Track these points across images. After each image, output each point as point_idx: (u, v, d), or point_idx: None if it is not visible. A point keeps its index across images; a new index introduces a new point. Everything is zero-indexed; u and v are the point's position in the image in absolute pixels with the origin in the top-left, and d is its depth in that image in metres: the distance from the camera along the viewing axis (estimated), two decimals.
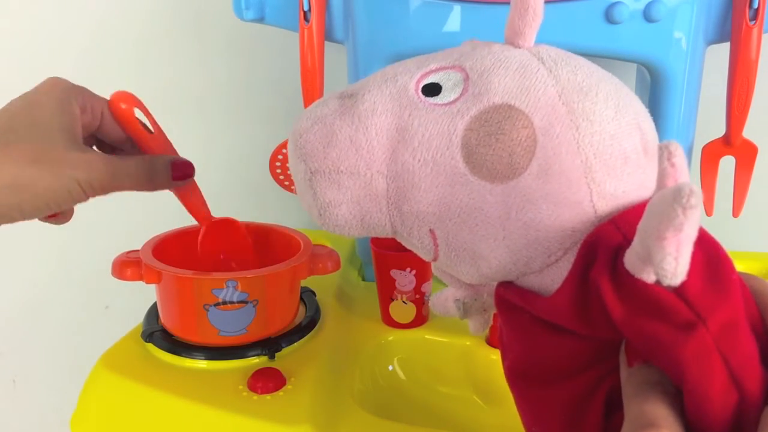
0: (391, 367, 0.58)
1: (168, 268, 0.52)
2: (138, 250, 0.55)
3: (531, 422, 0.31)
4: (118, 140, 0.46)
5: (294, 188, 0.63)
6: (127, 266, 0.53)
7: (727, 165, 0.61)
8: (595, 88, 0.28)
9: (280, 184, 0.64)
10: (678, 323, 0.23)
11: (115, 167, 0.41)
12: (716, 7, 0.57)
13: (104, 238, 0.70)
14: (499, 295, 0.32)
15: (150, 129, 0.46)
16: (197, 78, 0.86)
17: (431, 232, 0.30)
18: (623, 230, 0.26)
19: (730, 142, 0.60)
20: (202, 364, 0.52)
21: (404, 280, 0.56)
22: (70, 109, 0.40)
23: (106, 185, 0.40)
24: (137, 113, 0.45)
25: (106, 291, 0.95)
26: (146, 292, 0.56)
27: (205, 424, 0.47)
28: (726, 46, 0.58)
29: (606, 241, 0.26)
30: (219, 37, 0.84)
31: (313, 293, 0.62)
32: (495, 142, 0.28)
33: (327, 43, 0.61)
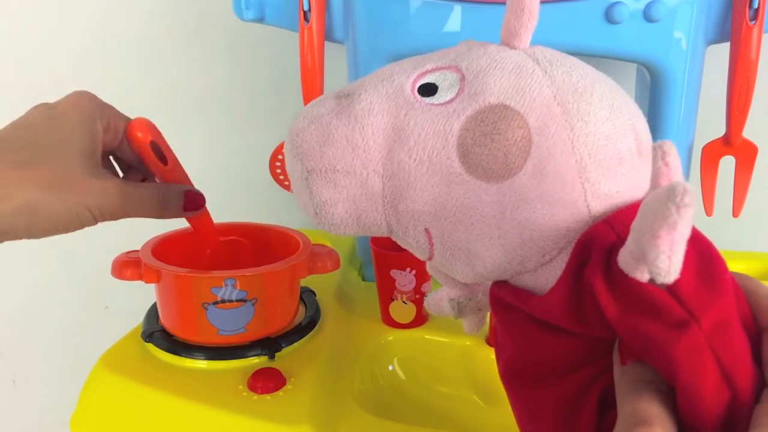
0: (391, 367, 0.58)
1: (167, 267, 0.52)
2: (138, 250, 0.55)
3: (525, 421, 0.32)
4: (135, 160, 0.46)
5: None
6: (127, 266, 0.53)
7: (727, 165, 0.61)
8: (590, 89, 0.29)
9: (280, 184, 0.65)
10: (671, 322, 0.23)
11: (128, 196, 0.41)
12: (716, 7, 0.57)
13: (104, 238, 0.70)
14: (494, 294, 0.32)
15: (165, 159, 0.46)
16: (198, 78, 0.86)
17: (427, 231, 0.30)
18: (617, 230, 0.27)
19: (730, 142, 0.60)
20: (202, 364, 0.52)
21: (404, 280, 0.56)
22: (92, 128, 0.41)
23: (116, 212, 0.41)
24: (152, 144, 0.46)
25: (106, 291, 0.95)
26: (146, 292, 0.56)
27: (205, 424, 0.47)
28: (726, 46, 0.58)
29: (600, 241, 0.26)
30: (220, 38, 0.84)
31: (313, 293, 0.62)
32: (490, 142, 0.28)
33: (327, 43, 0.61)
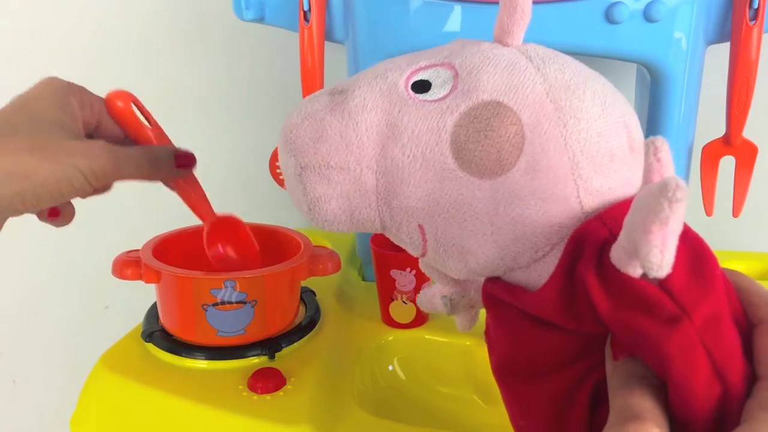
0: (391, 367, 0.58)
1: (167, 268, 0.52)
2: (138, 250, 0.55)
3: (518, 416, 0.32)
4: (116, 139, 0.45)
5: None
6: (127, 266, 0.53)
7: (727, 165, 0.61)
8: (583, 87, 0.29)
9: (280, 184, 0.64)
10: (663, 317, 0.23)
11: (118, 155, 0.40)
12: (716, 7, 0.57)
13: (104, 238, 0.70)
14: (487, 291, 0.32)
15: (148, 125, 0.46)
16: (198, 78, 0.86)
17: (420, 227, 0.30)
18: (609, 226, 0.27)
19: (730, 142, 0.60)
20: (202, 364, 0.52)
21: (404, 280, 0.56)
22: (68, 105, 0.40)
23: (109, 173, 0.40)
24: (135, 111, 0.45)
25: (106, 291, 0.95)
26: (146, 292, 0.56)
27: (205, 424, 0.47)
28: (726, 46, 0.58)
29: (592, 237, 0.27)
30: (220, 38, 0.84)
31: (313, 293, 0.62)
32: (484, 139, 0.28)
33: (327, 43, 0.61)
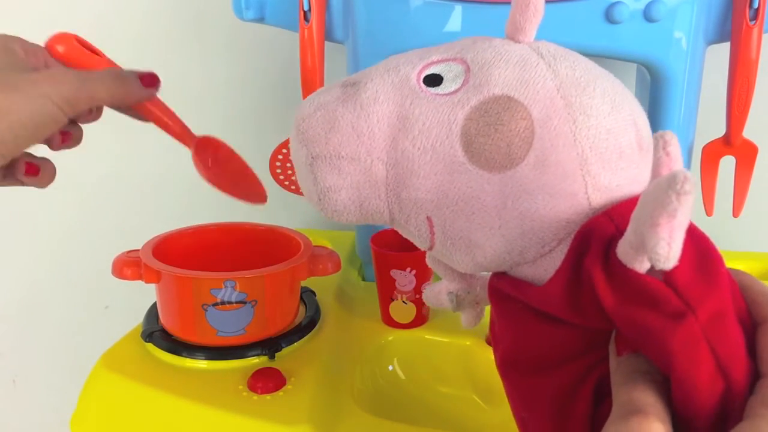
0: (391, 367, 0.58)
1: (167, 268, 0.52)
2: (138, 250, 0.55)
3: (521, 410, 0.32)
4: None
5: (294, 188, 0.64)
6: (127, 266, 0.53)
7: (727, 165, 0.61)
8: (593, 84, 0.29)
9: (280, 184, 0.64)
10: (668, 312, 0.23)
11: (84, 76, 0.39)
12: (716, 7, 0.57)
13: (104, 238, 0.70)
14: (492, 285, 0.32)
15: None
16: (197, 78, 0.86)
17: (428, 219, 0.30)
18: (616, 222, 0.27)
19: (730, 142, 0.60)
20: (202, 364, 0.52)
21: (404, 280, 0.56)
22: (12, 50, 0.39)
23: (79, 96, 0.38)
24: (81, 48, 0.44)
25: (106, 291, 0.95)
26: (146, 292, 0.56)
27: (205, 424, 0.47)
28: (726, 46, 0.58)
29: (599, 232, 0.27)
30: (219, 37, 0.84)
31: (313, 293, 0.62)
32: (494, 132, 0.28)
33: (327, 43, 0.61)
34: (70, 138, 0.42)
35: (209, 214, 0.66)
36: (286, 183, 0.65)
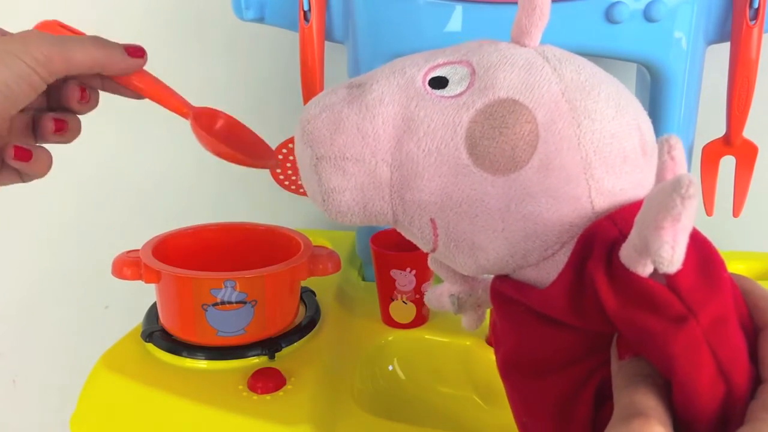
0: (391, 367, 0.58)
1: (167, 268, 0.52)
2: (138, 250, 0.55)
3: (522, 413, 0.32)
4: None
5: (293, 188, 0.64)
6: (127, 266, 0.53)
7: (727, 165, 0.61)
8: (598, 88, 0.29)
9: (280, 184, 0.64)
10: (670, 316, 0.23)
11: (60, 38, 0.38)
12: (716, 7, 0.57)
13: (104, 238, 0.70)
14: (495, 288, 0.32)
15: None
16: (197, 78, 0.86)
17: (432, 221, 0.30)
18: (620, 226, 0.27)
19: (731, 142, 0.60)
20: (202, 364, 0.52)
21: (404, 280, 0.56)
22: None
23: (53, 57, 0.37)
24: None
25: (106, 291, 0.95)
26: (146, 292, 0.56)
27: (205, 424, 0.47)
28: (726, 46, 0.58)
29: (602, 236, 0.27)
30: (219, 37, 0.84)
31: (313, 293, 0.62)
32: (498, 135, 0.28)
33: (327, 43, 0.61)
34: (65, 127, 0.41)
35: (209, 214, 0.66)
36: (286, 183, 0.65)
